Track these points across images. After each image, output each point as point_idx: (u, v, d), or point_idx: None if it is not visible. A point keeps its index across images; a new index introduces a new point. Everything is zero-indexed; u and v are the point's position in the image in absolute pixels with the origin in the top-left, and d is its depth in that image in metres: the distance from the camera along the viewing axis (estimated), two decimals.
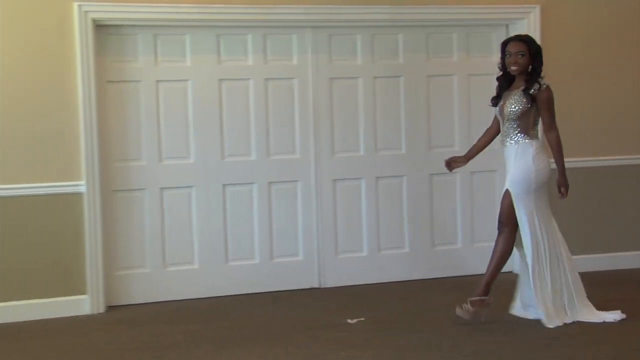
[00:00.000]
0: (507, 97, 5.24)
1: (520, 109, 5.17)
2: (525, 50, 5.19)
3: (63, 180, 5.73)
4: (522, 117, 5.18)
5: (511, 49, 5.22)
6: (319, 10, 6.14)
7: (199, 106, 6.11)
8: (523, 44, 5.21)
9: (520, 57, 5.19)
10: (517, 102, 5.17)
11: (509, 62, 5.22)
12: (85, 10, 5.67)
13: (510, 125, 5.21)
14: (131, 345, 5.04)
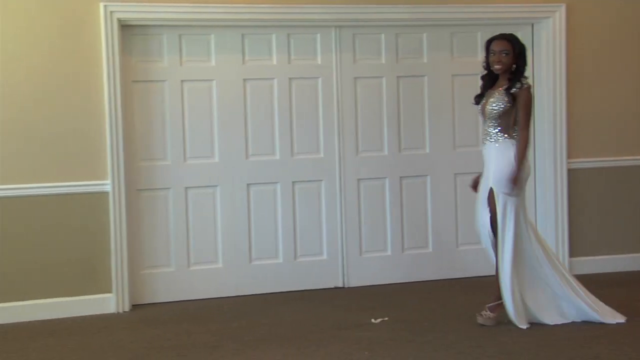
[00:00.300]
0: (490, 96, 5.21)
1: (501, 108, 5.12)
2: (510, 49, 5.15)
3: (88, 180, 5.78)
4: (503, 116, 5.13)
5: (495, 47, 5.17)
6: (343, 9, 6.15)
7: (224, 106, 6.14)
8: (507, 42, 5.17)
9: (504, 56, 5.14)
10: (499, 100, 5.13)
11: (492, 60, 5.18)
12: (111, 11, 5.72)
13: (492, 123, 5.17)
14: (156, 343, 5.07)
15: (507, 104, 5.12)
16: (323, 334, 5.14)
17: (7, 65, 5.60)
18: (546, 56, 6.53)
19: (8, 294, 5.64)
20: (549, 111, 6.55)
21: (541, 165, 6.64)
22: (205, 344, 5.02)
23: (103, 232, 5.80)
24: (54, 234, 5.72)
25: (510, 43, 5.17)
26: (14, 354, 4.95)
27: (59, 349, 5.03)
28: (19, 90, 5.63)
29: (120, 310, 5.83)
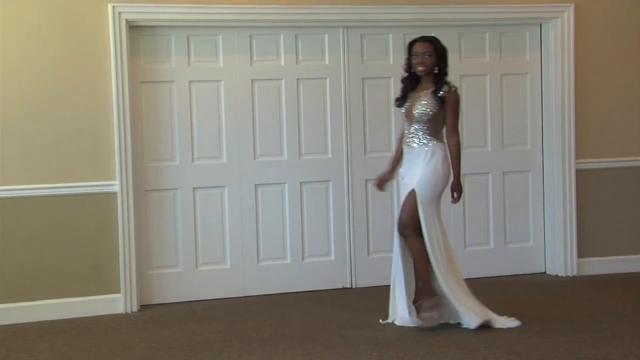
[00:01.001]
0: (416, 99, 5.17)
1: (431, 112, 5.10)
2: (432, 51, 5.14)
3: (96, 180, 5.80)
4: (432, 119, 5.12)
5: (418, 49, 5.15)
6: (351, 10, 6.17)
7: (232, 106, 6.16)
8: (430, 44, 5.15)
9: (427, 58, 5.12)
10: (428, 104, 5.11)
11: (416, 62, 5.15)
12: (120, 12, 5.74)
13: (420, 127, 5.13)
14: (163, 344, 5.09)
15: (436, 107, 5.11)
16: (331, 334, 5.15)
17: (16, 66, 5.63)
18: (554, 56, 6.53)
19: (17, 294, 5.67)
20: (557, 112, 6.56)
21: (549, 166, 6.65)
22: (213, 345, 5.03)
23: (111, 233, 5.82)
24: (62, 235, 5.75)
25: (432, 45, 5.15)
26: (23, 353, 4.97)
27: (67, 349, 5.05)
28: (28, 91, 5.66)
29: (129, 311, 5.85)
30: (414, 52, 5.17)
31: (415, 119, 5.13)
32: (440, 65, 5.18)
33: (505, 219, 6.70)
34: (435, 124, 5.14)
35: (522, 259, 6.74)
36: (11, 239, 5.66)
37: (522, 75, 6.67)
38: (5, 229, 5.64)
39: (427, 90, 5.15)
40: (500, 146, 6.66)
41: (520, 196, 6.72)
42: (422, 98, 5.14)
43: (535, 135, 6.70)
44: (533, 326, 5.21)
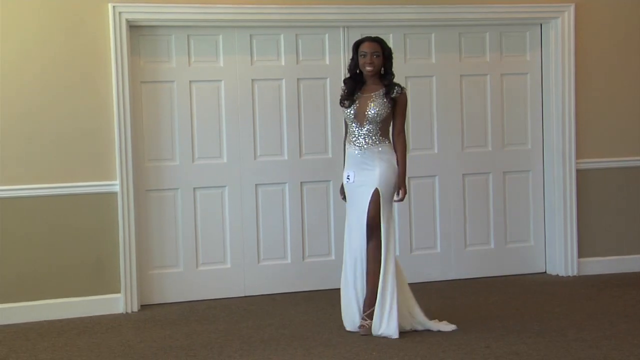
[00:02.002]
0: (366, 100, 5.13)
1: (384, 112, 5.09)
2: (380, 51, 5.13)
3: (97, 180, 5.81)
4: (384, 120, 5.11)
5: (366, 49, 5.12)
6: (352, 10, 6.17)
7: (232, 106, 6.17)
8: (378, 44, 5.14)
9: (376, 58, 5.11)
10: (381, 105, 5.09)
11: (364, 62, 5.12)
12: (120, 11, 5.75)
13: (372, 127, 5.10)
14: (164, 343, 5.10)
15: (389, 108, 5.11)
16: (331, 334, 5.16)
17: (16, 66, 5.63)
18: (554, 56, 6.54)
19: (18, 294, 5.68)
20: (557, 111, 6.57)
21: (549, 166, 6.66)
22: (214, 344, 5.04)
23: (111, 233, 5.83)
24: (63, 235, 5.76)
25: (380, 45, 5.15)
26: (24, 353, 4.98)
27: (68, 349, 5.06)
28: (28, 91, 5.67)
29: (129, 311, 5.86)
30: (361, 52, 5.13)
31: (368, 119, 5.10)
32: (387, 66, 5.17)
33: (505, 218, 6.71)
34: (386, 124, 5.15)
35: (523, 259, 6.75)
36: (12, 239, 5.66)
37: (523, 75, 6.68)
38: (6, 229, 5.65)
39: (378, 92, 5.13)
40: (500, 146, 6.67)
41: (520, 196, 6.73)
42: (374, 99, 5.12)
43: (536, 135, 6.72)
44: (533, 326, 5.23)
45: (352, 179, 5.16)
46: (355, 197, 5.17)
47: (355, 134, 5.15)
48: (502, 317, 5.47)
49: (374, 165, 5.10)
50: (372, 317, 5.10)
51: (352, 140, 5.16)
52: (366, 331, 5.10)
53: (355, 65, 5.19)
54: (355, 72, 5.21)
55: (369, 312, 5.11)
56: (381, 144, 5.12)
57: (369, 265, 5.12)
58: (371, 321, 5.10)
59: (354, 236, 5.16)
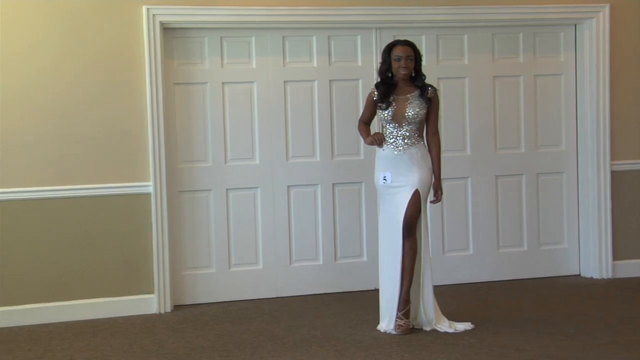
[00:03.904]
0: (403, 102, 5.21)
1: (422, 113, 5.19)
2: (413, 55, 5.21)
3: (131, 181, 5.87)
4: (421, 120, 5.23)
5: (400, 52, 5.19)
6: (384, 11, 6.19)
7: (264, 108, 6.21)
8: (410, 48, 5.22)
9: (410, 62, 5.19)
10: (419, 106, 5.19)
11: (398, 66, 5.19)
12: (154, 14, 5.80)
13: (410, 128, 5.19)
14: (197, 344, 5.15)
15: (425, 108, 5.21)
16: (363, 335, 5.18)
17: (54, 69, 5.71)
18: (589, 57, 6.52)
19: (53, 294, 5.75)
20: (591, 112, 6.54)
21: (584, 167, 6.64)
22: (246, 345, 5.08)
23: (145, 234, 5.89)
24: (97, 235, 5.82)
25: (412, 49, 5.23)
26: (59, 352, 5.05)
27: (102, 348, 5.12)
28: (65, 94, 5.74)
29: (162, 311, 5.92)
30: (395, 56, 5.21)
31: (407, 120, 5.18)
32: (418, 68, 5.26)
33: (539, 220, 6.69)
34: (422, 125, 5.25)
35: (556, 261, 6.72)
36: (48, 240, 5.74)
37: (557, 76, 6.66)
38: (42, 230, 5.73)
39: (413, 93, 5.22)
40: (534, 147, 6.66)
41: (554, 198, 6.71)
42: (411, 100, 5.20)
43: (570, 137, 6.69)
44: (567, 328, 5.22)
45: (389, 180, 5.22)
46: (391, 198, 5.22)
47: (393, 135, 5.23)
48: (535, 319, 5.46)
49: (413, 167, 5.19)
50: (408, 315, 5.17)
51: (390, 142, 5.23)
52: (403, 331, 5.15)
53: (387, 69, 5.25)
54: (387, 75, 5.27)
55: (405, 310, 5.17)
56: (418, 145, 5.22)
57: (404, 263, 5.17)
58: (408, 320, 5.17)
59: (390, 236, 5.20)
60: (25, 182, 5.70)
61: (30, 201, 5.70)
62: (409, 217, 5.15)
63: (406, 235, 5.16)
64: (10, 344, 5.25)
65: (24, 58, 5.67)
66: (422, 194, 5.18)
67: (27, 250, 5.72)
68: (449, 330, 5.20)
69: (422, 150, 5.23)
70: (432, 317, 5.24)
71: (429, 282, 5.24)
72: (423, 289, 5.23)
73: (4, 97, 5.65)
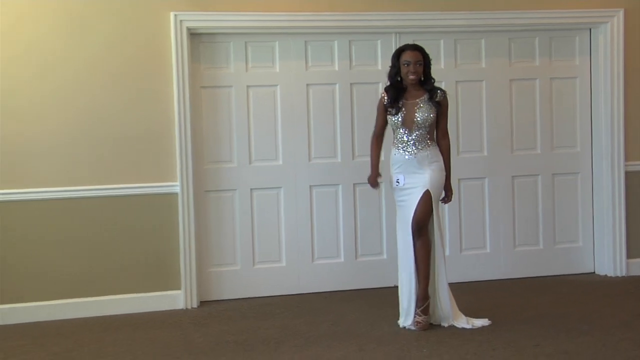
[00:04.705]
0: (412, 106, 5.12)
1: (432, 117, 5.09)
2: (422, 59, 5.11)
3: (159, 181, 5.86)
4: (431, 124, 5.12)
5: (409, 57, 5.09)
6: (404, 16, 6.14)
7: (287, 110, 6.17)
8: (419, 53, 5.12)
9: (419, 66, 5.09)
10: (428, 110, 5.09)
11: (407, 70, 5.09)
12: (181, 20, 5.79)
13: (421, 132, 5.10)
14: (222, 338, 5.13)
15: (435, 112, 5.11)
16: (383, 331, 5.14)
17: (88, 76, 5.72)
18: (604, 60, 6.43)
19: (83, 289, 5.76)
20: (606, 114, 6.46)
21: (598, 168, 6.55)
22: (270, 340, 5.06)
23: (172, 232, 5.88)
24: (127, 234, 5.82)
25: (421, 53, 5.13)
26: (90, 346, 5.06)
27: (131, 342, 5.12)
28: (98, 99, 5.74)
29: (189, 307, 5.90)
30: (404, 61, 5.11)
31: (417, 125, 5.10)
32: (427, 72, 5.16)
33: (554, 219, 6.61)
34: (432, 128, 5.15)
35: (571, 259, 6.65)
36: (79, 237, 5.75)
37: (572, 79, 6.58)
38: (74, 228, 5.74)
39: (422, 97, 5.14)
40: (549, 148, 6.58)
41: (569, 197, 6.63)
42: (420, 105, 5.11)
43: (585, 138, 6.61)
44: (582, 325, 5.15)
45: (402, 183, 5.16)
46: (405, 199, 5.16)
47: (404, 140, 5.15)
48: (551, 316, 5.39)
49: (424, 169, 5.12)
50: (427, 312, 5.13)
51: (401, 147, 5.17)
52: (422, 327, 5.11)
53: (397, 73, 5.17)
54: (396, 79, 5.19)
55: (423, 307, 5.12)
56: (430, 148, 5.13)
57: (418, 262, 5.12)
58: (426, 316, 5.12)
59: (405, 236, 5.14)
60: (61, 182, 5.71)
61: (65, 200, 5.71)
62: (419, 216, 5.09)
63: (417, 235, 5.11)
64: (42, 338, 5.26)
65: (59, 64, 5.68)
66: (433, 194, 5.09)
67: (60, 247, 5.73)
68: (466, 326, 5.14)
69: (433, 152, 5.15)
70: (448, 313, 5.18)
71: (443, 279, 5.17)
72: (438, 286, 5.17)
73: (42, 101, 5.67)
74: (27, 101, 5.65)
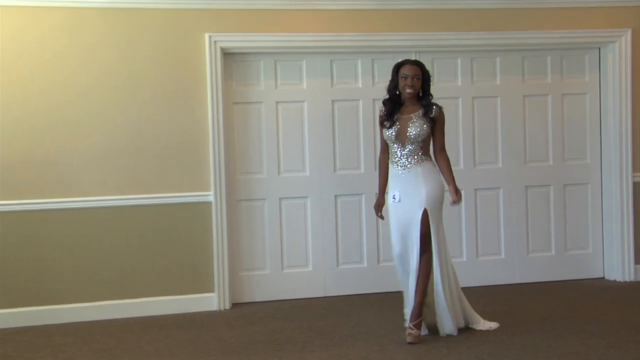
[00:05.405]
0: (406, 121, 4.95)
1: (425, 132, 4.92)
2: (420, 74, 4.95)
3: (194, 191, 5.93)
4: (426, 139, 4.95)
5: (407, 71, 4.94)
6: (423, 36, 6.19)
7: (314, 124, 6.24)
8: (418, 67, 4.96)
9: (417, 81, 4.93)
10: (421, 125, 4.92)
11: (404, 84, 4.93)
12: (215, 40, 5.88)
13: (414, 147, 4.93)
14: (253, 338, 5.19)
15: (429, 127, 4.94)
16: (403, 332, 5.12)
17: (130, 93, 5.81)
18: (612, 77, 6.46)
19: (123, 292, 5.84)
20: (614, 128, 6.48)
21: (607, 179, 6.57)
22: (297, 340, 5.11)
23: (206, 238, 5.95)
24: (164, 240, 5.90)
25: (420, 68, 4.97)
26: (130, 344, 5.14)
27: (168, 341, 5.18)
28: (138, 113, 5.84)
29: (222, 308, 5.97)
30: (402, 74, 4.95)
31: (410, 140, 4.93)
32: (425, 88, 4.99)
33: (565, 227, 6.63)
34: (427, 143, 4.99)
35: (582, 264, 6.66)
36: (119, 243, 5.83)
37: (582, 95, 6.61)
38: (114, 235, 5.82)
39: (417, 112, 4.97)
40: (561, 160, 6.61)
41: (580, 206, 6.65)
42: (413, 120, 4.95)
43: (594, 150, 6.63)
44: (592, 328, 5.17)
45: (397, 199, 4.99)
46: (401, 214, 4.99)
47: (397, 154, 5.00)
48: (563, 318, 5.41)
49: (419, 184, 4.94)
50: (420, 327, 4.97)
51: (395, 161, 5.02)
52: (414, 339, 4.93)
53: (395, 87, 5.02)
54: (394, 93, 5.04)
55: (416, 322, 4.96)
56: (424, 162, 4.98)
57: (418, 279, 4.96)
58: (418, 331, 4.95)
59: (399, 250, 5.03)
60: (105, 191, 5.80)
61: (107, 209, 5.80)
62: (422, 234, 4.90)
63: (421, 252, 4.92)
64: (87, 336, 5.35)
65: (105, 80, 5.78)
66: (430, 211, 4.90)
67: (102, 252, 5.81)
68: (482, 328, 5.16)
69: (427, 167, 4.97)
70: (449, 328, 5.01)
71: (440, 293, 4.96)
72: (436, 299, 4.99)
73: (88, 115, 5.77)
74: (75, 115, 5.75)
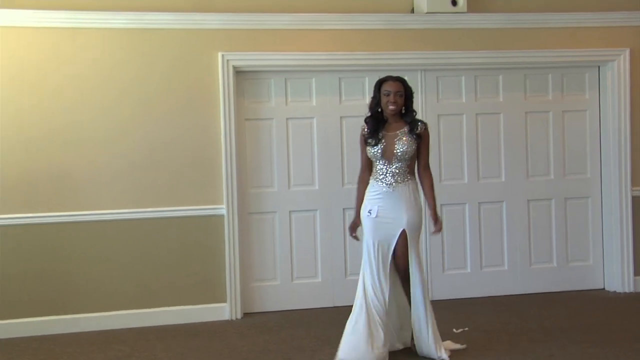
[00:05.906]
0: (392, 138, 4.70)
1: (412, 149, 4.68)
2: (402, 91, 4.71)
3: (206, 204, 5.94)
4: (412, 157, 4.71)
5: (390, 88, 4.70)
6: (428, 55, 6.21)
7: (323, 140, 6.25)
8: (400, 84, 4.73)
9: (399, 97, 4.69)
10: (408, 142, 4.68)
11: (387, 101, 4.69)
12: (228, 59, 5.91)
13: (400, 165, 4.68)
14: (264, 347, 5.19)
15: (415, 144, 4.71)
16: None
17: (146, 110, 5.83)
18: (611, 94, 6.46)
19: (138, 302, 5.84)
20: (614, 143, 6.47)
21: (607, 193, 6.55)
22: (306, 349, 5.11)
23: (219, 250, 5.96)
24: (178, 251, 5.90)
25: (403, 85, 4.74)
26: (144, 352, 5.14)
27: (181, 350, 5.19)
28: (154, 130, 5.85)
29: (234, 318, 5.97)
30: (385, 91, 4.72)
31: (397, 157, 4.69)
32: (408, 105, 4.76)
33: (566, 239, 6.61)
34: (413, 161, 4.75)
35: (583, 276, 6.63)
36: (134, 255, 5.84)
37: (582, 112, 6.60)
38: (130, 246, 5.83)
39: (402, 129, 4.73)
40: (562, 175, 6.60)
41: (580, 219, 6.63)
42: (400, 137, 4.70)
43: (595, 165, 6.62)
44: (593, 337, 5.15)
45: (373, 214, 4.72)
46: (381, 232, 4.73)
47: (383, 171, 4.73)
48: (565, 328, 5.40)
49: (402, 207, 4.69)
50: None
51: (380, 178, 4.74)
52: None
53: (377, 104, 4.77)
54: (377, 110, 4.79)
55: None
56: (409, 182, 4.72)
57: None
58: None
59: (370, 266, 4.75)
60: (121, 205, 5.81)
61: (123, 221, 5.80)
62: (401, 260, 4.71)
63: (404, 276, 4.74)
64: (103, 344, 5.36)
65: (122, 98, 5.80)
66: (410, 235, 4.66)
67: (118, 263, 5.82)
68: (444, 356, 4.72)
69: (411, 187, 4.71)
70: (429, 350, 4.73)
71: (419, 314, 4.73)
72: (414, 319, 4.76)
73: (103, 132, 5.78)
74: (93, 132, 5.76)
